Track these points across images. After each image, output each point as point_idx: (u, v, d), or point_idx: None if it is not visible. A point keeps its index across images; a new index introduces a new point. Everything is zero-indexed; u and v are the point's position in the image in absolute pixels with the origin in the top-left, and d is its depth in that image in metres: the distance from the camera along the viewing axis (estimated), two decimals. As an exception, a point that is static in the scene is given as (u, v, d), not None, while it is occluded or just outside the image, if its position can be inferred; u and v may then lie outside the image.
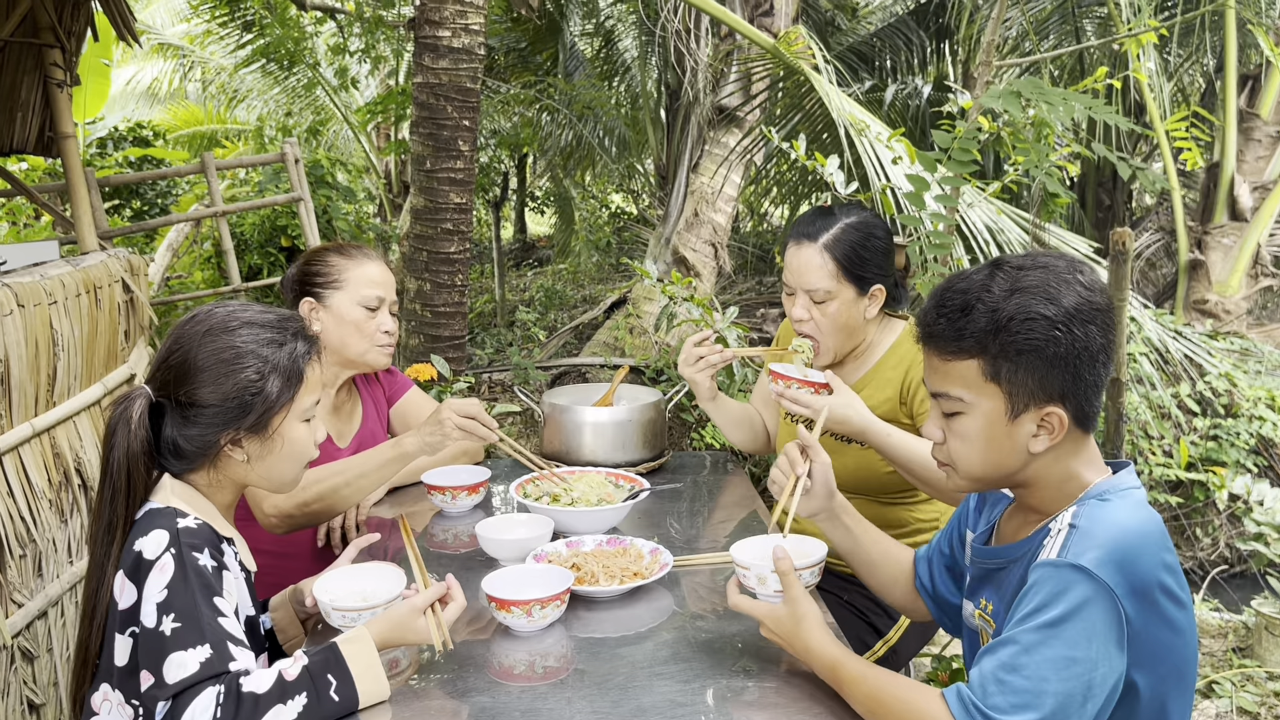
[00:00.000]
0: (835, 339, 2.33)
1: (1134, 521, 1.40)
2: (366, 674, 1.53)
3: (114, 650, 1.53)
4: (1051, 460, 1.49)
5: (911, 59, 10.06)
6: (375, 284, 2.42)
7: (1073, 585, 1.32)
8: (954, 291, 1.50)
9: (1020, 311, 1.42)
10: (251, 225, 6.01)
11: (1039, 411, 1.45)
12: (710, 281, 7.54)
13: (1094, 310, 1.43)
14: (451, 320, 4.91)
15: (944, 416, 1.54)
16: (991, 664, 1.33)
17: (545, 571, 1.89)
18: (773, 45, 5.96)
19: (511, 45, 10.92)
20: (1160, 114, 7.43)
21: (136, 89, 16.78)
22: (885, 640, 2.40)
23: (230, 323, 1.67)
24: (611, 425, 2.63)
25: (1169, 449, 5.66)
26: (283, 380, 1.66)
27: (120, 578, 1.53)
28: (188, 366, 1.62)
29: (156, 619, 1.47)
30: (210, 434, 1.63)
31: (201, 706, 1.41)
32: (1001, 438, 1.48)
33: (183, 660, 1.44)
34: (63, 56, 3.52)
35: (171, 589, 1.48)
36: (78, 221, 3.52)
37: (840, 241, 2.28)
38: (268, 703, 1.43)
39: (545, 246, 15.39)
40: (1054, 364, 1.42)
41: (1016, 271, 1.46)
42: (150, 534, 1.53)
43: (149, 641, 1.47)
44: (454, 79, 4.63)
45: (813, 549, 1.80)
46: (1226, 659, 3.75)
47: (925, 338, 1.53)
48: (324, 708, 1.47)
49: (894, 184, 4.72)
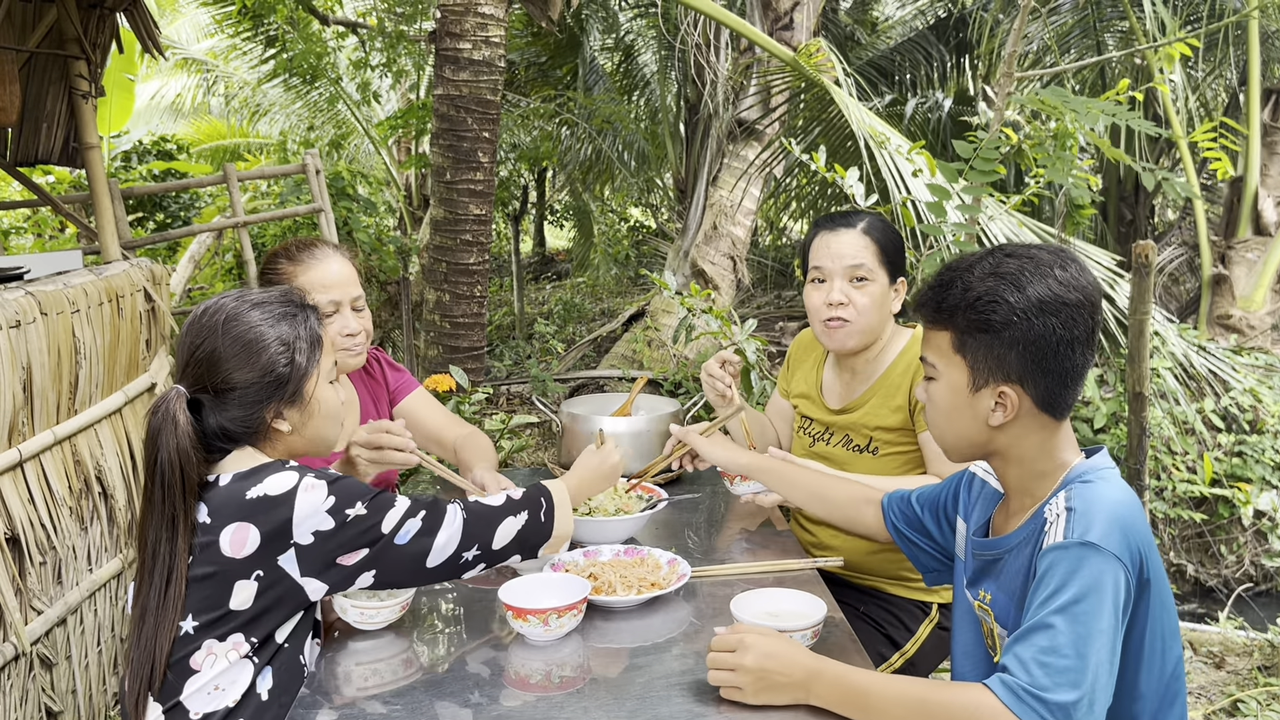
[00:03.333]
0: (867, 323, 2.35)
1: (1123, 494, 1.51)
2: (561, 509, 1.86)
3: (229, 599, 1.61)
4: (1018, 435, 1.59)
5: (931, 73, 10.06)
6: (325, 288, 2.32)
7: (1085, 561, 1.41)
8: (947, 268, 1.63)
9: (988, 293, 1.54)
10: (273, 237, 6.05)
11: (996, 388, 1.56)
12: (729, 295, 7.53)
13: (1059, 304, 1.52)
14: (470, 331, 4.92)
15: (926, 381, 1.67)
16: (1029, 650, 1.39)
17: (562, 581, 1.88)
18: (792, 58, 5.96)
19: (532, 60, 10.97)
20: (1184, 128, 7.37)
21: (161, 103, 16.94)
22: (902, 653, 2.38)
23: (242, 307, 1.74)
24: (629, 435, 2.62)
25: (1192, 465, 5.61)
26: (307, 347, 1.76)
27: (234, 529, 1.61)
28: (217, 355, 1.70)
29: (338, 519, 1.63)
30: (255, 411, 1.72)
31: (450, 514, 1.73)
32: (963, 407, 1.60)
33: (395, 513, 1.68)
34: (88, 68, 3.55)
35: (337, 494, 1.64)
36: (101, 231, 3.54)
37: (876, 228, 2.36)
38: (502, 514, 1.78)
39: (564, 260, 15.42)
40: (1011, 347, 1.53)
41: (1004, 258, 1.57)
42: (266, 480, 1.63)
43: (343, 533, 1.63)
44: (474, 91, 4.65)
45: (811, 609, 1.77)
46: (1252, 677, 3.69)
47: (918, 305, 1.66)
48: (537, 528, 1.81)
49: (914, 196, 4.70)
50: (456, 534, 1.72)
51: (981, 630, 1.70)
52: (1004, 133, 3.58)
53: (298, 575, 1.64)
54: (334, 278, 2.35)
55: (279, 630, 1.68)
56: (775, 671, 1.51)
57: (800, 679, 1.51)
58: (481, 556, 1.76)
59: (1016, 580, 1.58)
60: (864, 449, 2.41)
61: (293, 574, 1.64)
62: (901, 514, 1.97)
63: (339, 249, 2.44)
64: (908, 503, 1.97)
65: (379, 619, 1.84)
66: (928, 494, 1.95)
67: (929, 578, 1.99)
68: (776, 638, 1.56)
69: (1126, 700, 1.53)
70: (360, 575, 1.68)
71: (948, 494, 1.90)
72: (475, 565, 1.77)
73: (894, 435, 2.38)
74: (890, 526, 1.99)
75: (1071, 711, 1.34)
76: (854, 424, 2.43)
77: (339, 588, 1.69)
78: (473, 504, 1.77)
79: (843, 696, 1.48)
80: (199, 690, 1.63)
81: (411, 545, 1.69)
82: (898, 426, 2.36)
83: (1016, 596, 1.57)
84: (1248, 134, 7.32)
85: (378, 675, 1.74)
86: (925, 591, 2.44)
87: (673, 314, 7.22)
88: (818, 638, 1.72)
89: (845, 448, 2.45)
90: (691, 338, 4.70)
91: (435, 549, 1.71)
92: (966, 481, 1.85)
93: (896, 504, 1.99)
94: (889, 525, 1.99)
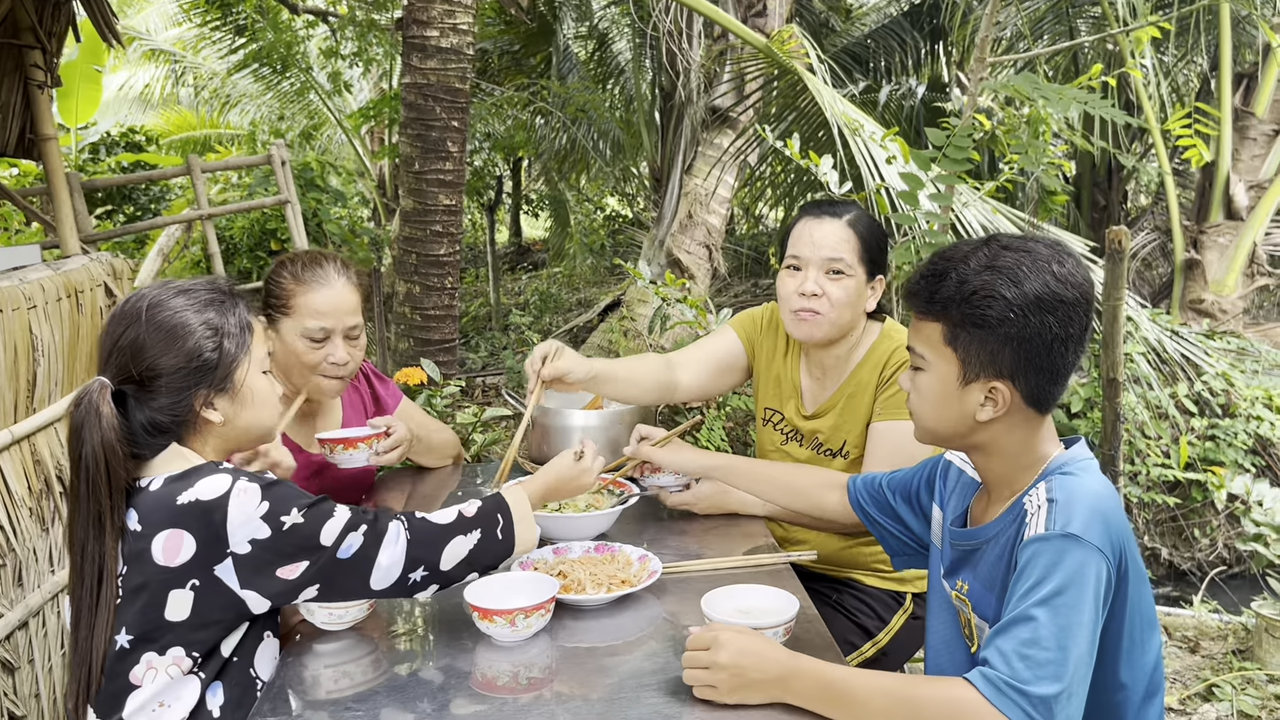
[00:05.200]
0: (839, 317, 2.29)
1: (1103, 487, 1.51)
2: (522, 523, 1.78)
3: (164, 610, 1.56)
4: (1003, 430, 1.57)
5: (906, 60, 10.05)
6: (320, 314, 2.27)
7: (1066, 553, 1.40)
8: (941, 258, 1.59)
9: (984, 287, 1.51)
10: (241, 229, 5.97)
11: (987, 384, 1.54)
12: (705, 284, 7.50)
13: (1056, 301, 1.49)
14: (442, 324, 4.86)
15: (913, 370, 1.64)
16: (1010, 643, 1.37)
17: (530, 579, 1.84)
18: (765, 45, 5.92)
19: (505, 48, 10.87)
20: (1156, 113, 7.39)
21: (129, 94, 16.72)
22: (875, 642, 2.36)
23: (165, 294, 1.69)
24: (601, 429, 2.58)
25: (1166, 449, 5.63)
26: (237, 333, 1.71)
27: (166, 536, 1.55)
28: (140, 343, 1.64)
29: (273, 526, 1.57)
30: (183, 399, 1.66)
31: (393, 532, 1.65)
32: (951, 400, 1.57)
33: (334, 525, 1.61)
34: (43, 57, 3.46)
35: (271, 499, 1.58)
36: (59, 225, 3.47)
37: (861, 222, 2.31)
38: (450, 532, 1.70)
39: (540, 250, 15.35)
40: (1005, 343, 1.50)
41: (1000, 250, 1.54)
42: (197, 484, 1.57)
43: (281, 543, 1.57)
44: (442, 79, 4.58)
45: (783, 605, 1.74)
46: (1226, 661, 3.71)
47: (906, 295, 1.63)
48: (492, 546, 1.74)
49: (888, 184, 4.68)
50: (400, 555, 1.66)
51: (959, 620, 1.70)
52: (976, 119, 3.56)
53: (237, 587, 1.59)
54: (331, 304, 2.28)
55: (224, 643, 1.63)
56: (751, 669, 1.48)
57: (776, 675, 1.48)
58: (431, 578, 1.70)
59: (995, 571, 1.57)
60: (836, 453, 2.39)
61: (231, 585, 1.59)
62: (870, 497, 1.96)
63: (348, 270, 2.35)
64: (877, 486, 1.96)
65: (347, 618, 1.80)
66: (899, 478, 1.94)
67: (898, 562, 1.99)
68: (751, 635, 1.53)
69: (1108, 691, 1.52)
70: (304, 589, 1.63)
71: (920, 480, 1.89)
72: (427, 586, 1.71)
73: (864, 439, 2.34)
74: (858, 509, 1.98)
75: (1053, 704, 1.33)
76: (827, 428, 2.40)
77: (282, 600, 1.64)
78: (418, 522, 1.71)
79: (820, 693, 1.45)
80: (142, 707, 1.58)
81: (355, 561, 1.63)
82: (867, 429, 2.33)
83: (995, 587, 1.56)
84: (1220, 119, 7.34)
85: (347, 678, 1.69)
86: (899, 581, 2.42)
87: (648, 304, 7.18)
88: (790, 634, 1.69)
89: (816, 452, 2.42)
90: (667, 327, 4.67)
91: (379, 569, 1.65)
92: (942, 470, 1.83)
93: (864, 487, 1.98)
94: (856, 508, 1.99)
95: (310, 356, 2.28)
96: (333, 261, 2.36)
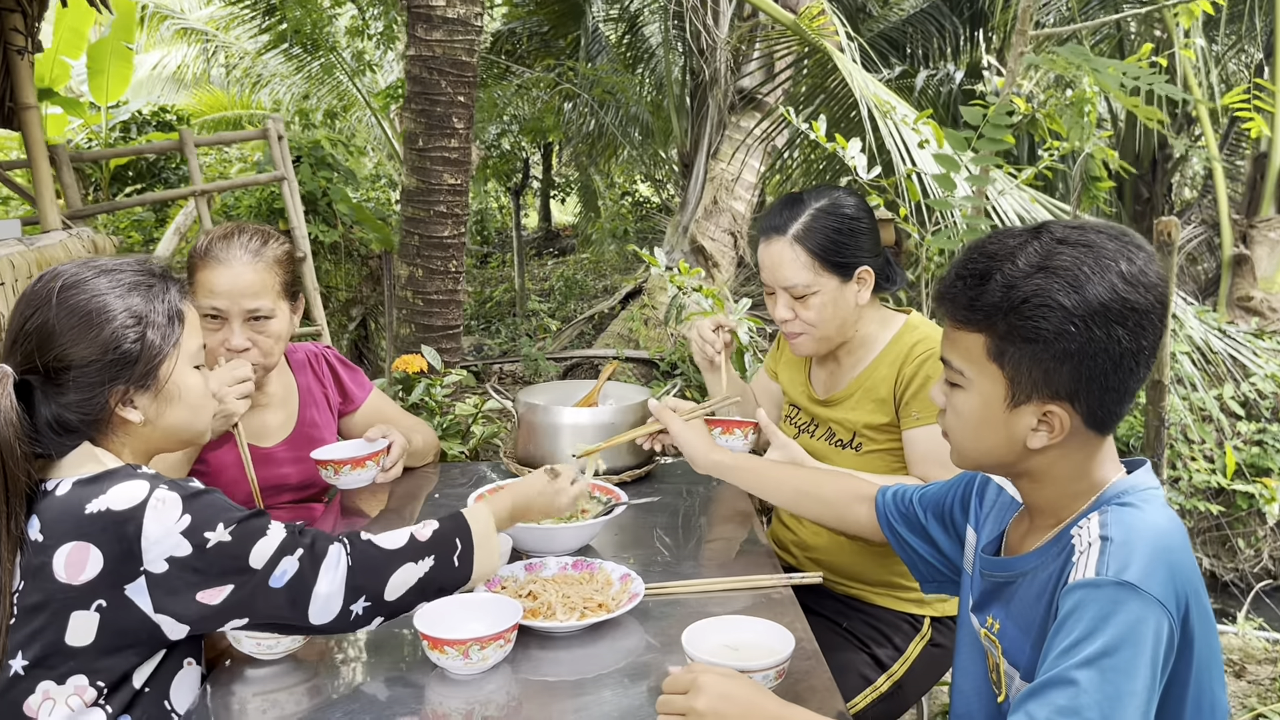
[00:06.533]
0: (824, 332, 2.14)
1: (1169, 525, 1.26)
2: (482, 549, 1.57)
3: (65, 634, 1.36)
4: (1057, 457, 1.33)
5: (944, 45, 9.77)
6: (211, 293, 2.06)
7: (1121, 606, 1.17)
8: (981, 254, 1.32)
9: (1036, 294, 1.25)
10: (247, 207, 5.80)
11: (1040, 406, 1.29)
12: (729, 271, 7.27)
13: (1126, 310, 1.24)
14: (445, 309, 4.66)
15: (948, 385, 1.39)
16: (1045, 710, 1.15)
17: (490, 602, 1.62)
18: (793, 21, 5.66)
19: (534, 29, 10.68)
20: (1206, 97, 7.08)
21: (162, 73, 16.70)
22: (890, 675, 2.13)
23: (85, 274, 1.47)
24: (593, 428, 2.35)
25: (1210, 454, 5.37)
26: (164, 322, 1.49)
27: (70, 550, 1.35)
28: (50, 328, 1.42)
29: (195, 543, 1.38)
30: (96, 395, 1.44)
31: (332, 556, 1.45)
32: (996, 424, 1.32)
33: (266, 545, 1.42)
34: (24, 21, 3.29)
35: (194, 512, 1.39)
36: (39, 198, 3.30)
37: (811, 230, 2.07)
38: (398, 559, 1.49)
39: (569, 235, 15.18)
40: (1064, 360, 1.25)
41: (1054, 244, 1.27)
42: (110, 491, 1.37)
43: (203, 563, 1.38)
44: (449, 51, 4.36)
45: (777, 643, 1.51)
46: (1275, 689, 3.44)
47: (938, 297, 1.38)
48: (446, 573, 1.53)
49: (920, 168, 4.43)
50: (340, 585, 1.45)
51: (986, 663, 1.46)
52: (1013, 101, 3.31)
53: (150, 610, 1.39)
54: (227, 285, 2.06)
55: (135, 672, 1.43)
56: (732, 717, 1.26)
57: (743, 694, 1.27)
58: (376, 609, 1.49)
59: (1031, 611, 1.33)
60: (847, 444, 2.21)
61: (143, 607, 1.38)
62: (900, 513, 1.72)
63: (264, 247, 2.13)
64: (908, 501, 1.72)
65: (279, 649, 1.59)
66: (932, 494, 1.69)
67: (927, 586, 1.74)
68: (737, 678, 1.31)
69: None
70: (229, 619, 1.42)
71: (955, 496, 1.64)
72: (370, 619, 1.49)
73: (878, 432, 2.16)
74: (885, 526, 1.74)
75: None
76: (838, 418, 2.22)
77: (203, 628, 1.44)
78: (362, 545, 1.50)
79: None
80: None
81: (289, 591, 1.42)
82: (882, 423, 2.14)
83: (1031, 631, 1.33)
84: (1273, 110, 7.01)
85: (276, 708, 1.50)
86: (916, 603, 2.19)
87: (669, 291, 6.97)
88: (783, 677, 1.46)
89: (828, 442, 2.25)
90: (682, 318, 4.45)
91: (318, 599, 1.44)
92: (979, 486, 1.59)
93: (894, 501, 1.74)
94: (884, 525, 1.74)
95: (209, 339, 2.05)
96: (247, 235, 2.12)
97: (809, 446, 2.23)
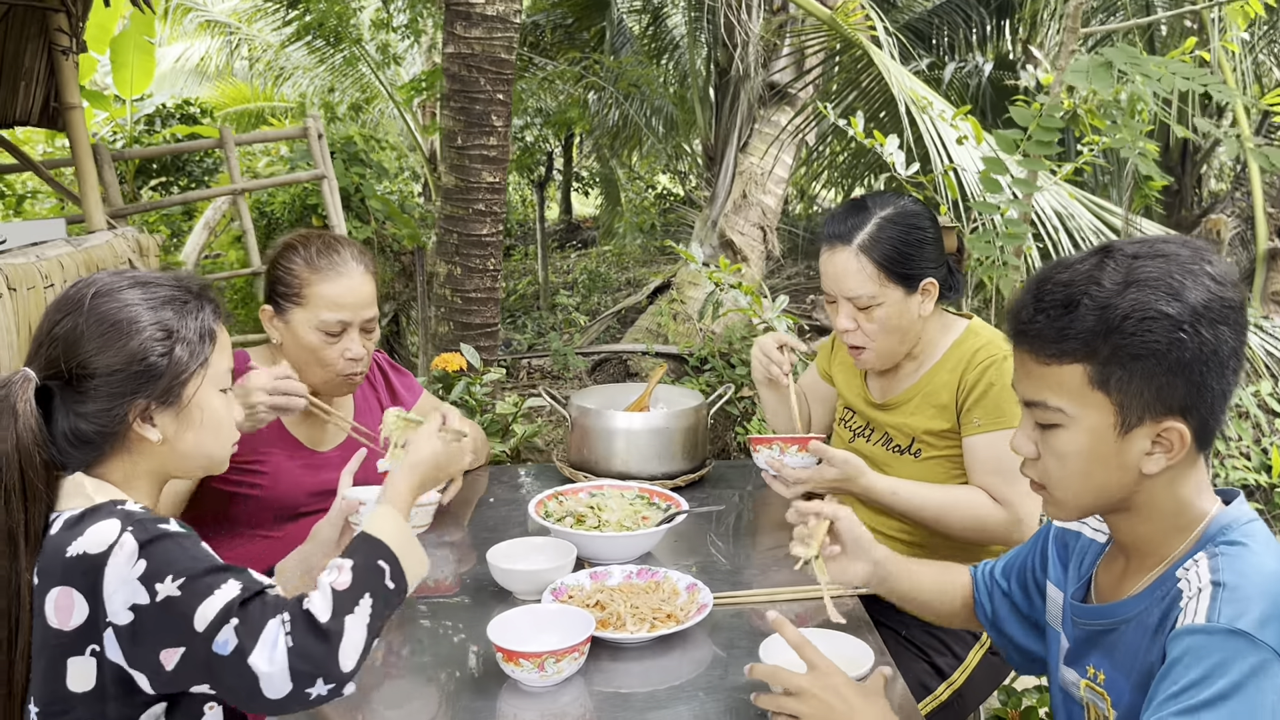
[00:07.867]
0: (887, 345, 2.10)
1: (1278, 562, 1.21)
2: (407, 556, 1.42)
3: (65, 680, 1.30)
4: (1165, 483, 1.27)
5: (970, 36, 9.69)
6: (338, 306, 2.06)
7: (1237, 655, 1.12)
8: (1056, 283, 1.26)
9: (1137, 309, 1.20)
10: (282, 204, 5.81)
11: (1156, 426, 1.23)
12: (758, 266, 7.23)
13: (1226, 308, 1.21)
14: (483, 307, 4.66)
15: (1038, 429, 1.31)
16: None
17: (562, 614, 1.63)
18: (830, 16, 5.62)
19: (558, 21, 10.66)
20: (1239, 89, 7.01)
21: (186, 66, 16.74)
22: (950, 683, 2.12)
23: (119, 283, 1.43)
24: (647, 433, 2.36)
25: (1248, 451, 5.32)
26: (195, 339, 1.44)
27: (57, 595, 1.29)
28: (77, 333, 1.38)
29: (150, 593, 1.27)
30: (116, 406, 1.38)
31: (269, 634, 1.26)
32: (1109, 456, 1.25)
33: (210, 607, 1.27)
34: (68, 22, 3.29)
35: (149, 558, 1.28)
36: (84, 198, 3.31)
37: (878, 240, 2.04)
38: (338, 625, 1.30)
39: (590, 227, 15.17)
40: (1177, 371, 1.20)
41: (1131, 260, 1.23)
42: (87, 532, 1.29)
43: (152, 620, 1.27)
44: (487, 49, 4.35)
45: (858, 655, 1.51)
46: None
47: (1018, 335, 1.30)
48: (389, 602, 1.38)
49: (958, 165, 4.40)
50: (282, 667, 1.25)
51: (1088, 714, 1.39)
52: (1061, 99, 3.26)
53: (124, 663, 1.29)
54: (352, 296, 2.07)
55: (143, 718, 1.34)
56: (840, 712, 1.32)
57: None
58: (339, 684, 1.30)
59: (1140, 660, 1.27)
60: (905, 450, 2.18)
61: (117, 660, 1.30)
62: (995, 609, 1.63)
63: (364, 256, 2.14)
64: (993, 580, 1.64)
65: None
66: (1013, 562, 1.62)
67: (1023, 669, 1.67)
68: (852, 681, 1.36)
69: None
70: (193, 683, 1.30)
71: (1035, 556, 1.57)
72: (341, 691, 1.31)
73: (937, 438, 2.14)
74: (987, 624, 1.65)
75: None
76: (896, 423, 2.20)
77: (173, 689, 1.31)
78: (302, 619, 1.29)
79: None
80: None
81: (233, 662, 1.26)
82: (943, 429, 2.12)
83: (1140, 681, 1.27)
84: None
85: (348, 721, 1.50)
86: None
87: (699, 286, 6.94)
88: None
89: (885, 447, 2.22)
90: (719, 314, 4.44)
91: (263, 678, 1.25)
92: (1056, 536, 1.52)
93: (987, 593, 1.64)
94: (985, 622, 1.65)
95: (325, 352, 2.07)
96: (349, 247, 2.13)
97: (865, 451, 2.22)
